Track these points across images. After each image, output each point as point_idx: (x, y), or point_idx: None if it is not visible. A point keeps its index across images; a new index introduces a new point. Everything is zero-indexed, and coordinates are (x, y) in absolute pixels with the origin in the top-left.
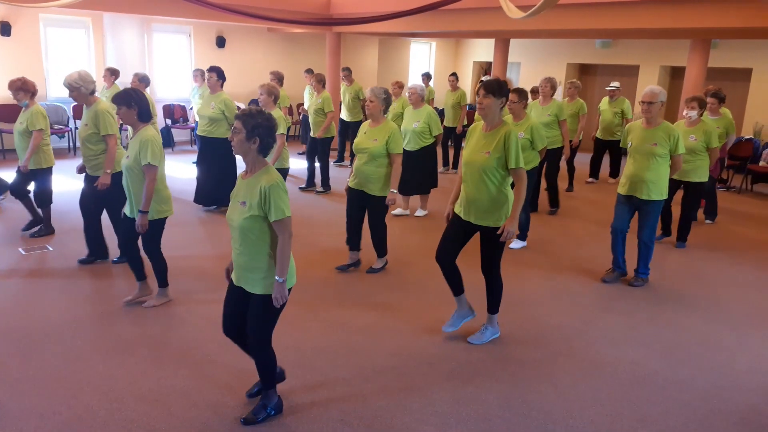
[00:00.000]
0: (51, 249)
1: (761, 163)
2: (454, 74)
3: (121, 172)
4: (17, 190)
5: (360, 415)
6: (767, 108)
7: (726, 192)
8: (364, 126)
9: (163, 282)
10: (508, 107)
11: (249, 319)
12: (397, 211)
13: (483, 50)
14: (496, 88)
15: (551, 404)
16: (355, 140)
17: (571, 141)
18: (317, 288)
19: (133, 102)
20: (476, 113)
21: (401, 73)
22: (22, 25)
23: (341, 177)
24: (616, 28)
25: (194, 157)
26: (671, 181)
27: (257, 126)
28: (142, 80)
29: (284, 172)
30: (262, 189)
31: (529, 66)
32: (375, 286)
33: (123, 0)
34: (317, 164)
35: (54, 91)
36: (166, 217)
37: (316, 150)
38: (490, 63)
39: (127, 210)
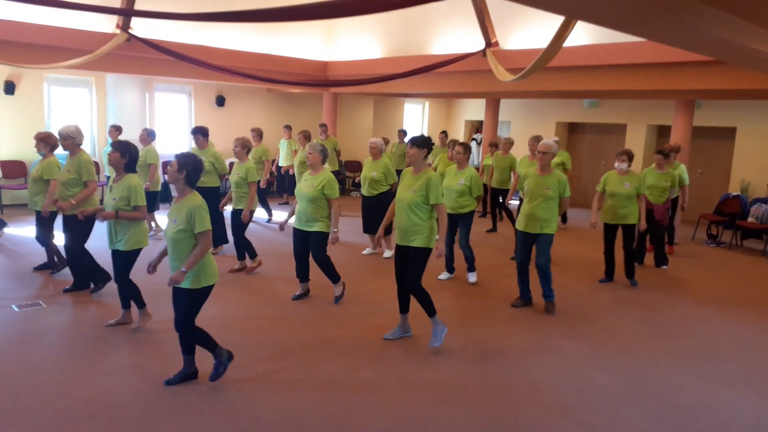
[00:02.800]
0: (44, 305)
1: (750, 219)
2: (444, 132)
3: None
4: (41, 239)
5: None
6: (753, 165)
7: (716, 248)
8: (305, 174)
9: (140, 304)
10: (455, 158)
11: (175, 308)
12: (366, 251)
13: (474, 109)
14: (420, 142)
15: None
16: (297, 186)
17: (508, 190)
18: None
19: (128, 154)
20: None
21: (395, 131)
22: (26, 84)
23: None
24: (603, 90)
25: None
26: (610, 226)
27: (185, 164)
28: (150, 135)
29: (252, 213)
30: (189, 209)
31: (519, 124)
32: (329, 319)
33: (126, 61)
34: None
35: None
36: (142, 249)
37: None
38: (482, 122)
39: (109, 244)
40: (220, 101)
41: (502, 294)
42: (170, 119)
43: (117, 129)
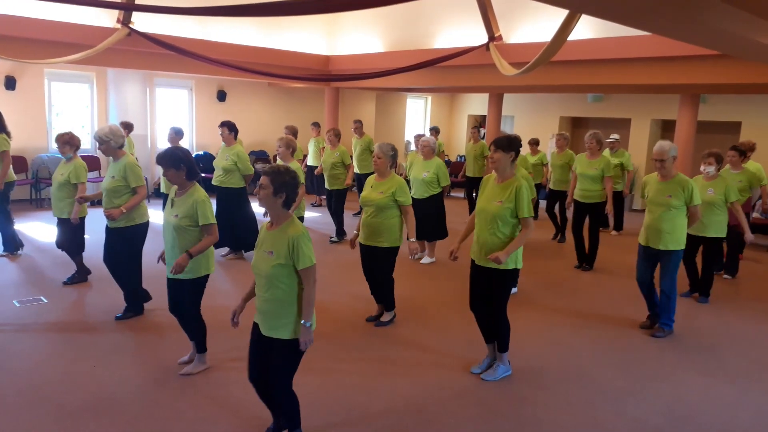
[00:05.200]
0: (46, 301)
1: (754, 215)
2: (476, 127)
3: (141, 225)
4: (64, 245)
5: None
6: (758, 160)
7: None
8: (371, 180)
9: (201, 347)
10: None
11: (274, 363)
12: (425, 260)
13: (477, 104)
14: (505, 143)
15: None
16: (362, 194)
17: (565, 191)
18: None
19: (182, 163)
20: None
21: (398, 126)
22: (27, 79)
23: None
24: (607, 84)
25: None
26: (690, 236)
27: (285, 184)
28: (178, 133)
29: (301, 219)
30: (290, 240)
31: (522, 119)
32: (380, 337)
33: (127, 55)
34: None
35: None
36: (208, 275)
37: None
38: (485, 116)
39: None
40: (221, 96)
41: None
42: (171, 115)
43: (127, 126)
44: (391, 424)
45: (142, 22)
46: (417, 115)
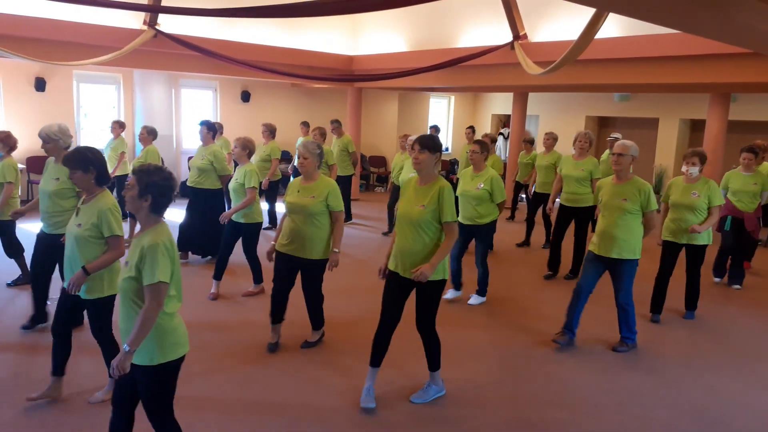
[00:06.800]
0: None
1: None
2: (470, 127)
3: None
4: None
5: None
6: None
7: None
8: (296, 184)
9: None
10: (471, 158)
11: (142, 393)
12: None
13: (501, 103)
14: (431, 143)
15: None
16: (288, 199)
17: (549, 194)
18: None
19: (92, 166)
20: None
21: (421, 126)
22: (56, 81)
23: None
24: (634, 83)
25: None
26: (671, 244)
27: (151, 184)
28: (151, 133)
29: (257, 226)
30: (143, 248)
31: (547, 119)
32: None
33: (153, 57)
34: None
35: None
36: (116, 295)
37: None
38: (509, 116)
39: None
40: (246, 97)
41: (523, 293)
42: (196, 115)
43: (120, 125)
44: None
45: (167, 23)
46: (440, 115)
